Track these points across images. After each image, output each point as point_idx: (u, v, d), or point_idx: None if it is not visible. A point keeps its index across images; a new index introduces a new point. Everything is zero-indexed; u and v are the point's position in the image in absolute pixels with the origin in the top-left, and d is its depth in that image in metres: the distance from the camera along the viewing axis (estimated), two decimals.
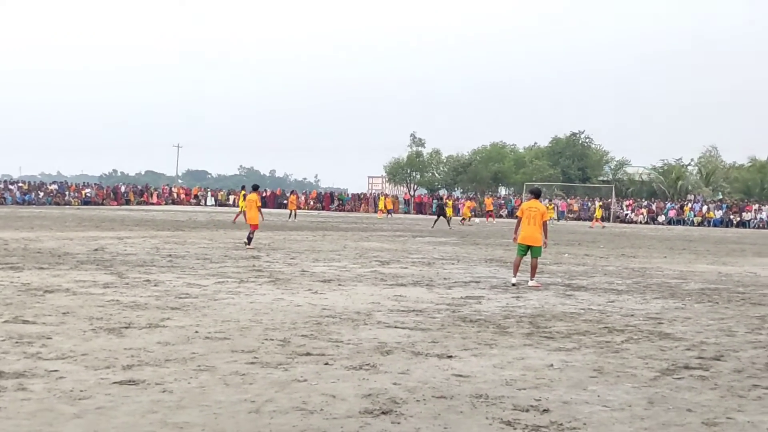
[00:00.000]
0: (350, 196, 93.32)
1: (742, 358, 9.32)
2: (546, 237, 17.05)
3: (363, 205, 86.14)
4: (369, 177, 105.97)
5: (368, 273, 17.89)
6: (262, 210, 27.69)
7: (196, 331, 9.86)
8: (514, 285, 16.33)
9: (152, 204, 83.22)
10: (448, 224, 42.02)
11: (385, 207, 69.17)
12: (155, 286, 14.34)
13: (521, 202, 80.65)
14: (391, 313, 11.95)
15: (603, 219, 63.86)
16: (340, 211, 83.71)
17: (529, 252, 16.88)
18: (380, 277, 17.02)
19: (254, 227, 25.81)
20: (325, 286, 15.11)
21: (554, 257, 24.87)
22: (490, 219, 63.20)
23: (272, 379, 7.47)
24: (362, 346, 9.30)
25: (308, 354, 8.70)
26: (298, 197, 49.81)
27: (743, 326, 11.82)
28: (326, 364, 8.24)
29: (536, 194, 18.20)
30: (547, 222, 17.23)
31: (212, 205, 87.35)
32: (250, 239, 25.02)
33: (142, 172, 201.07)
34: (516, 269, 16.90)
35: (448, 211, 52.98)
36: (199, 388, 7.04)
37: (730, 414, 6.82)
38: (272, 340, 9.48)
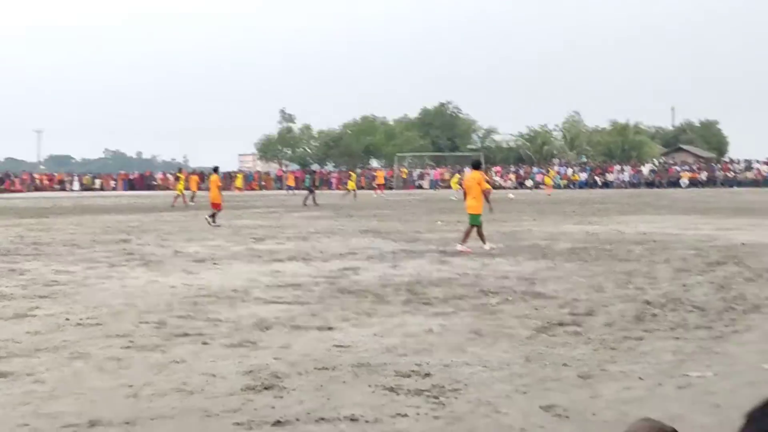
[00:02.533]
0: (222, 174, 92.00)
1: (612, 312, 9.63)
2: (489, 203, 17.84)
3: (233, 183, 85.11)
4: (239, 155, 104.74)
5: (243, 250, 17.69)
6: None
7: (67, 319, 9.54)
8: (491, 248, 16.97)
9: (14, 191, 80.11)
10: (315, 201, 41.37)
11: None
12: (21, 275, 13.78)
13: (393, 173, 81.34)
14: (268, 289, 11.85)
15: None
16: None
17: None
18: (256, 254, 16.86)
19: (216, 206, 26.94)
20: (200, 266, 14.86)
21: (428, 225, 25.16)
22: (379, 192, 62.39)
23: (150, 363, 7.30)
24: (241, 323, 9.19)
25: (186, 335, 8.54)
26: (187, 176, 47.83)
27: (611, 282, 12.22)
28: (204, 343, 8.11)
29: (475, 166, 18.84)
30: (486, 190, 17.85)
31: (78, 190, 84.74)
32: (213, 216, 26.36)
33: (2, 159, 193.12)
34: (481, 238, 17.40)
35: (351, 184, 53.96)
36: (73, 376, 6.83)
37: (604, 366, 7.04)
38: (147, 323, 9.26)
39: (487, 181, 17.86)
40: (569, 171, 78.96)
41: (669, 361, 7.17)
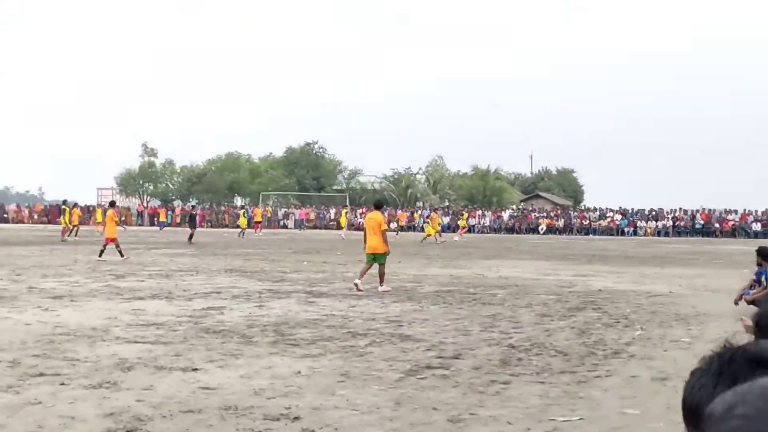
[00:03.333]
0: (78, 208, 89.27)
1: (478, 356, 9.72)
2: (386, 244, 17.94)
3: (93, 217, 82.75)
4: (98, 188, 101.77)
5: (102, 287, 17.11)
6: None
7: None
8: (355, 284, 17.24)
9: None
10: (191, 239, 40.47)
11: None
12: None
13: (258, 211, 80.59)
14: (129, 328, 11.46)
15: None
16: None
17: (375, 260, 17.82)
18: (116, 291, 16.33)
19: (111, 240, 26.87)
20: (57, 303, 14.27)
21: (294, 265, 24.99)
22: (259, 230, 60.58)
23: (2, 404, 6.91)
24: (101, 363, 8.83)
25: (41, 374, 8.14)
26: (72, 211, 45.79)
27: (477, 325, 12.37)
28: (62, 384, 7.74)
29: (377, 206, 19.60)
30: (384, 231, 18.11)
31: None
32: (119, 252, 26.43)
33: None
34: (362, 274, 17.71)
35: (242, 221, 54.41)
36: None
37: (473, 410, 7.07)
38: (0, 361, 8.79)
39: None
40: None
41: (536, 405, 7.26)
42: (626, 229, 70.82)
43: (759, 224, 67.62)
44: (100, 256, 26.31)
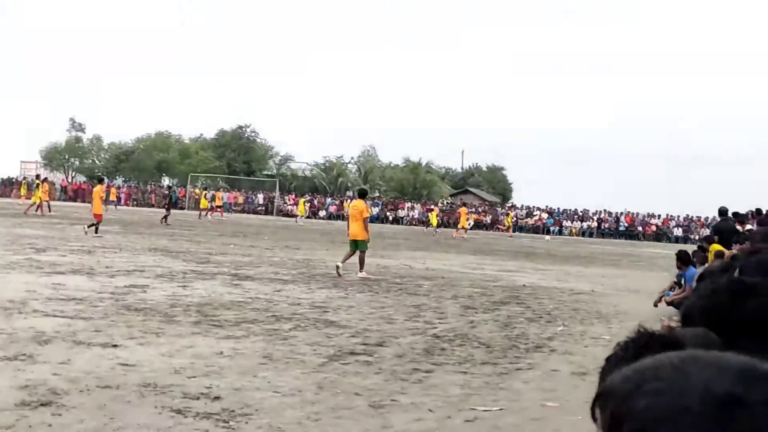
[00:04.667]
0: (1, 180, 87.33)
1: (402, 344, 9.73)
2: (367, 232, 18.69)
3: (16, 190, 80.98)
4: (22, 161, 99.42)
5: (22, 260, 16.71)
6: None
7: None
8: (337, 267, 17.93)
9: None
10: (166, 220, 39.83)
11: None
12: None
13: (185, 192, 79.78)
14: (49, 302, 11.21)
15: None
16: None
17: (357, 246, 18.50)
18: (36, 265, 15.97)
19: (98, 218, 27.10)
20: None
21: (220, 248, 24.75)
22: (216, 214, 58.49)
23: None
24: (17, 335, 8.62)
25: None
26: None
27: (402, 314, 12.38)
28: None
29: (361, 195, 20.40)
30: (366, 219, 18.91)
31: None
32: (93, 226, 26.66)
33: None
34: (345, 258, 18.41)
35: (204, 203, 54.80)
36: None
37: (395, 396, 7.07)
38: None
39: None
40: None
41: (457, 395, 7.29)
42: (552, 228, 71.81)
43: (680, 229, 69.25)
44: (96, 232, 26.50)
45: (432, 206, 72.86)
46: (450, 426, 6.29)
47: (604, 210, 74.55)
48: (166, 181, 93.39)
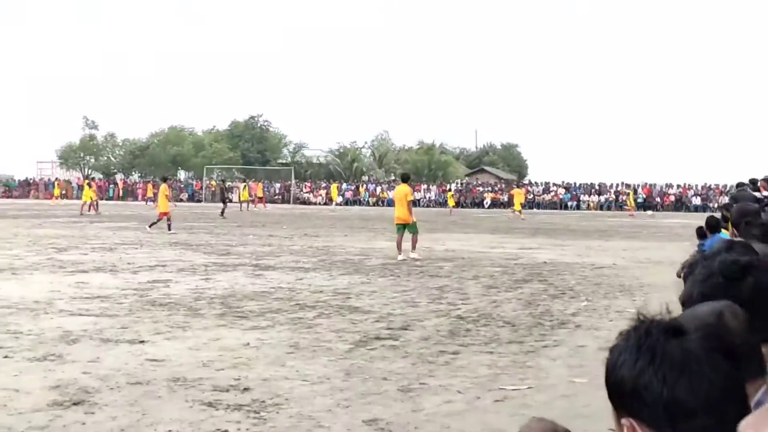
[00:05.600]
0: (18, 181, 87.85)
1: (427, 327, 9.74)
2: (411, 214, 18.98)
3: (33, 191, 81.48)
4: (38, 162, 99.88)
5: (44, 260, 16.83)
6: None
7: None
8: (401, 260, 17.93)
9: None
10: (223, 213, 40.80)
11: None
12: None
13: (201, 185, 79.99)
14: (74, 301, 11.29)
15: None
16: (7, 197, 78.57)
17: (405, 230, 18.90)
18: (58, 265, 16.07)
19: (163, 214, 27.99)
20: None
21: (239, 239, 24.83)
22: (259, 205, 60.18)
23: None
24: (45, 335, 8.69)
25: None
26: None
27: (425, 297, 12.40)
28: (6, 357, 7.61)
29: (403, 179, 20.61)
30: (410, 202, 19.35)
31: None
32: (168, 225, 27.61)
33: None
34: (398, 247, 18.55)
35: (244, 195, 55.91)
36: None
37: (423, 379, 7.08)
38: None
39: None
40: (378, 188, 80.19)
41: (485, 375, 7.30)
42: (570, 203, 71.62)
43: (699, 198, 68.90)
44: (169, 229, 27.37)
45: (448, 187, 73.03)
46: (479, 406, 6.30)
47: (622, 182, 74.24)
48: (182, 175, 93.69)
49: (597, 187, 74.34)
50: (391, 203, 74.68)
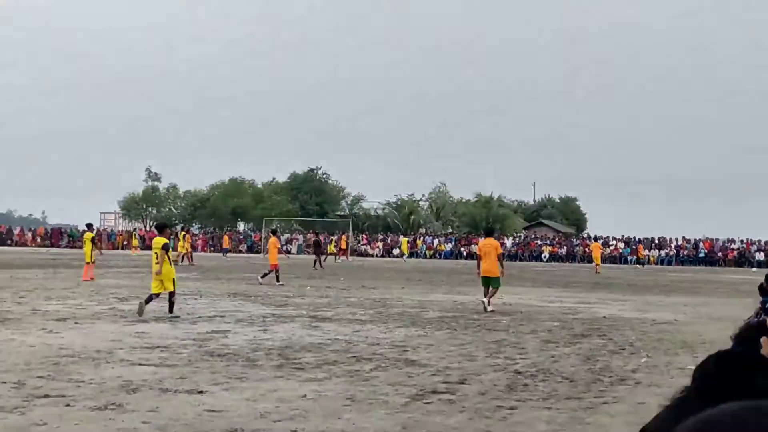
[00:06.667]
0: (81, 232, 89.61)
1: (484, 381, 9.68)
2: (503, 267, 19.80)
3: (96, 241, 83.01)
4: (101, 212, 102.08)
5: (106, 310, 17.09)
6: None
7: None
8: (483, 303, 19.09)
9: None
10: (321, 264, 42.06)
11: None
12: None
13: (260, 237, 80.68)
14: (134, 351, 11.44)
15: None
16: (71, 247, 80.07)
17: (490, 283, 19.48)
18: (119, 314, 16.31)
19: (274, 266, 28.60)
20: (61, 325, 14.25)
21: (297, 290, 24.95)
22: (342, 257, 61.98)
23: (7, 424, 6.89)
24: (106, 385, 8.81)
25: (47, 396, 8.12)
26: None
27: (482, 351, 12.32)
28: (67, 405, 7.72)
29: (488, 233, 21.57)
30: (501, 255, 20.19)
31: None
32: (267, 276, 28.11)
33: None
34: (488, 295, 19.34)
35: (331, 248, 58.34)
36: None
37: None
38: (5, 383, 8.77)
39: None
40: (435, 241, 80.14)
41: (543, 431, 7.22)
42: (629, 257, 70.76)
43: (762, 254, 67.55)
44: (277, 281, 27.72)
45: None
46: None
47: (683, 237, 73.23)
48: (241, 227, 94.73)
49: (657, 242, 73.36)
50: (448, 255, 74.71)
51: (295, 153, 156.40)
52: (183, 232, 46.54)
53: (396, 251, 77.05)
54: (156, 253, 17.44)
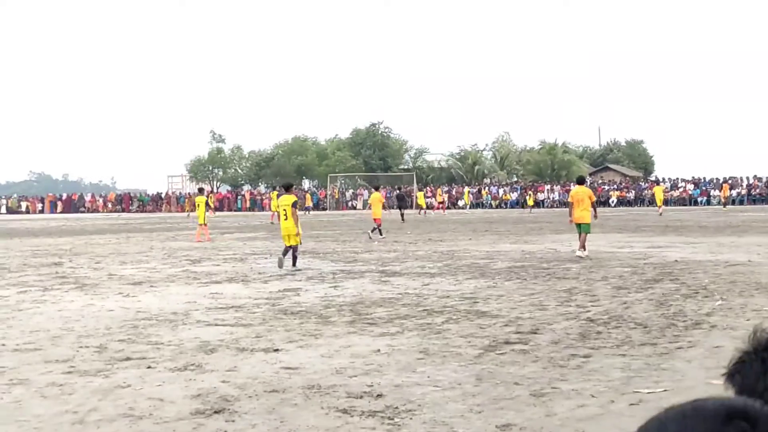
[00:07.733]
0: (150, 196, 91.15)
1: (556, 330, 9.67)
2: (595, 213, 20.48)
3: (165, 204, 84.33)
4: (169, 176, 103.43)
5: (180, 272, 17.42)
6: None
7: (3, 344, 9.25)
8: (585, 256, 19.09)
9: None
10: (402, 218, 43.88)
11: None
12: None
13: (326, 194, 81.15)
14: (209, 311, 11.66)
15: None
16: (141, 212, 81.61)
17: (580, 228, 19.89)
18: (193, 276, 16.61)
19: (378, 221, 29.45)
20: (137, 289, 14.58)
21: (364, 245, 25.12)
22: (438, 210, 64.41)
23: (93, 388, 7.09)
24: (184, 346, 9.01)
25: (128, 359, 8.34)
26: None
27: (553, 300, 12.29)
28: (149, 367, 7.92)
29: (580, 182, 21.51)
30: (594, 202, 20.57)
31: (3, 213, 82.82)
32: (379, 231, 28.98)
33: None
34: (581, 244, 19.61)
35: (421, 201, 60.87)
36: (15, 403, 6.60)
37: (555, 384, 7.04)
38: (87, 347, 9.02)
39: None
40: (500, 191, 79.75)
41: (618, 378, 7.21)
42: (699, 199, 69.62)
43: None
44: (380, 234, 28.79)
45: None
46: (614, 410, 6.23)
47: (754, 176, 71.72)
48: (306, 184, 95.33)
49: (728, 181, 72.01)
50: (513, 204, 74.31)
51: (357, 108, 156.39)
52: (275, 192, 47.48)
53: (461, 202, 76.91)
54: (285, 209, 18.56)
